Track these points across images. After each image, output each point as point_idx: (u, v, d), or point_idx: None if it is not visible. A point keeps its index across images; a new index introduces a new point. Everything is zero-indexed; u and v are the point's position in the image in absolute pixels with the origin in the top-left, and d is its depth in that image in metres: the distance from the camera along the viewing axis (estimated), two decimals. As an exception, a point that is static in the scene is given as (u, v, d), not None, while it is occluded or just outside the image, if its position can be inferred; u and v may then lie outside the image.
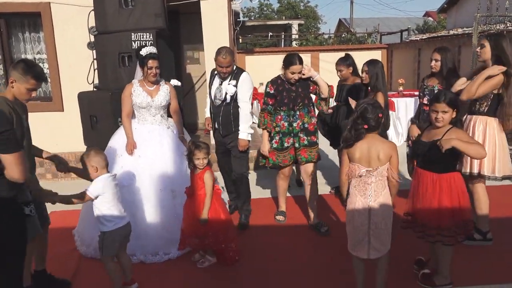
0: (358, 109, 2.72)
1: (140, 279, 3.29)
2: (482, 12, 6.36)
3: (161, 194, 3.66)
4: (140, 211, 3.61)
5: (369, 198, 2.70)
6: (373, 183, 2.70)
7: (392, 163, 2.71)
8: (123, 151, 3.76)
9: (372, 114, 2.66)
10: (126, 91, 3.82)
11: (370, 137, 2.70)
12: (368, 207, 2.70)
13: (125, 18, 4.74)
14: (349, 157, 2.76)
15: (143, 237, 3.55)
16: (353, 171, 2.73)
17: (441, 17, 22.38)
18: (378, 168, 2.68)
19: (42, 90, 6.55)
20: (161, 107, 3.84)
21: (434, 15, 25.35)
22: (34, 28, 6.36)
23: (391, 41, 14.65)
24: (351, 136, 2.71)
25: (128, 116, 3.82)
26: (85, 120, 4.96)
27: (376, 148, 2.69)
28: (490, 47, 3.48)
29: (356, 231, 2.75)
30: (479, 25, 6.30)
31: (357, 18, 31.11)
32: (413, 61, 11.11)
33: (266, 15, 32.16)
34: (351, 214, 2.78)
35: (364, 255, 2.76)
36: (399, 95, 8.13)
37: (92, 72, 5.29)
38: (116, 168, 3.64)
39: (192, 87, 8.26)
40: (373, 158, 2.68)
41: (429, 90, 3.98)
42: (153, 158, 3.72)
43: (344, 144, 2.76)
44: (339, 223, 4.14)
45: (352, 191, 2.79)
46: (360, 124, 2.67)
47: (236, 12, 10.19)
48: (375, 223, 2.70)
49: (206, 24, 5.93)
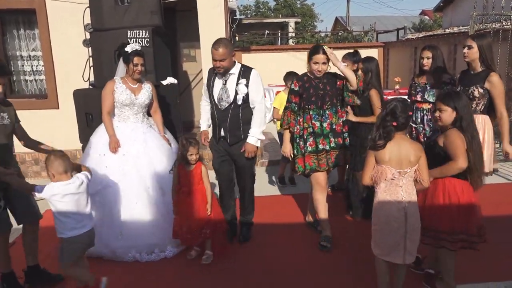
0: (387, 107, 2.61)
1: (135, 278, 3.29)
2: (478, 10, 6.37)
3: (150, 192, 3.64)
4: (130, 210, 3.57)
5: (403, 200, 2.60)
6: (404, 185, 2.61)
7: (421, 164, 2.62)
8: (106, 150, 3.67)
9: (402, 111, 2.55)
10: (107, 88, 3.73)
11: (398, 137, 2.60)
12: (404, 210, 2.60)
13: (121, 15, 4.71)
14: (376, 159, 2.63)
15: (135, 237, 3.52)
16: (383, 174, 2.61)
17: (437, 16, 22.43)
18: (409, 170, 2.59)
19: (38, 88, 6.51)
20: (143, 105, 3.81)
21: (430, 14, 25.41)
22: (29, 25, 6.32)
23: (388, 40, 14.67)
24: (380, 136, 2.58)
25: (109, 114, 3.73)
26: (81, 118, 4.92)
27: (407, 149, 2.59)
28: (477, 47, 3.54)
29: (392, 236, 2.63)
30: (475, 23, 6.32)
31: (354, 16, 31.14)
32: (409, 59, 11.13)
33: (263, 13, 32.12)
34: (385, 220, 2.64)
35: (400, 260, 2.65)
36: (396, 93, 8.16)
37: (87, 69, 5.26)
38: (100, 168, 3.59)
39: (189, 85, 8.23)
40: (404, 159, 2.58)
41: (421, 87, 4.00)
42: (138, 156, 3.66)
43: (372, 144, 2.63)
44: (338, 222, 4.13)
45: (382, 196, 2.65)
46: (389, 121, 2.56)
47: (232, 10, 10.18)
48: (412, 224, 2.62)
49: (203, 22, 5.92)
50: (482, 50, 3.54)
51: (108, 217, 3.55)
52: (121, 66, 3.84)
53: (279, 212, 4.58)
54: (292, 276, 3.28)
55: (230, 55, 3.47)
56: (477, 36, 3.66)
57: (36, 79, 6.51)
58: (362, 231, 3.63)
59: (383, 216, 2.64)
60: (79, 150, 5.65)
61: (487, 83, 3.53)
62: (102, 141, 3.73)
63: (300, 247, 3.76)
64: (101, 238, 3.38)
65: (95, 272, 2.95)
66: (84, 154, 3.90)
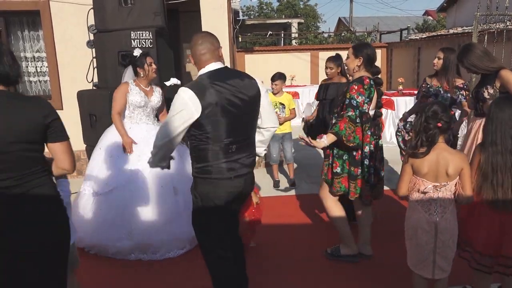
0: (426, 110, 2.37)
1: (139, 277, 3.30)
2: (482, 11, 6.36)
3: (163, 191, 3.66)
4: (143, 209, 3.59)
5: (435, 214, 2.40)
6: (439, 199, 2.39)
7: (464, 177, 2.37)
8: (120, 152, 3.71)
9: (443, 111, 2.34)
10: (121, 89, 3.81)
11: (438, 147, 2.38)
12: (434, 224, 2.41)
13: (124, 17, 4.72)
14: (414, 169, 2.43)
15: (148, 236, 3.54)
16: (416, 186, 2.43)
17: (441, 16, 22.36)
18: (447, 184, 2.36)
19: (42, 89, 6.54)
20: (155, 108, 3.91)
21: (434, 14, 25.34)
22: (33, 26, 6.34)
23: (391, 40, 14.65)
24: (423, 142, 2.35)
25: (119, 114, 3.78)
26: (84, 119, 4.94)
27: (445, 160, 2.35)
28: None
29: (419, 249, 2.47)
30: (479, 24, 6.30)
31: (357, 17, 31.11)
32: (412, 60, 11.11)
33: (266, 14, 32.12)
34: (413, 230, 2.49)
35: (428, 274, 2.48)
36: (399, 94, 8.13)
37: (91, 70, 5.28)
38: (113, 169, 3.64)
39: (192, 86, 8.24)
40: (441, 172, 2.36)
41: (434, 90, 3.97)
42: None
43: (413, 153, 2.40)
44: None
45: (413, 205, 2.49)
46: (432, 123, 2.32)
47: (235, 11, 10.19)
48: (443, 241, 2.41)
49: (206, 23, 5.92)
50: (468, 65, 3.49)
51: (119, 217, 3.57)
52: (128, 73, 3.94)
53: (280, 212, 4.59)
54: (293, 276, 3.28)
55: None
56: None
57: (40, 80, 6.53)
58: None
59: (412, 227, 2.50)
60: (82, 151, 5.67)
61: (497, 81, 3.38)
62: (114, 143, 3.77)
63: (301, 246, 3.77)
64: (111, 238, 3.44)
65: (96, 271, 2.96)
66: (93, 156, 3.90)
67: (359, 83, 3.07)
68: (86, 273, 3.38)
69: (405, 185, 2.48)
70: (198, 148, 2.35)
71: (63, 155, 1.97)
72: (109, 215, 3.57)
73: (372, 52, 3.20)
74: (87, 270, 3.43)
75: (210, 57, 2.37)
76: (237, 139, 2.35)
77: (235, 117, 2.30)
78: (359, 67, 3.17)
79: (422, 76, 10.62)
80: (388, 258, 3.47)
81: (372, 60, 3.22)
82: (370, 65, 3.22)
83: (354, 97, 3.04)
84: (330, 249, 3.53)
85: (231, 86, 2.30)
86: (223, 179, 2.34)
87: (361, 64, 3.16)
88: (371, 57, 3.18)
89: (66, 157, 1.98)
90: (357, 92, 3.04)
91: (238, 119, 2.33)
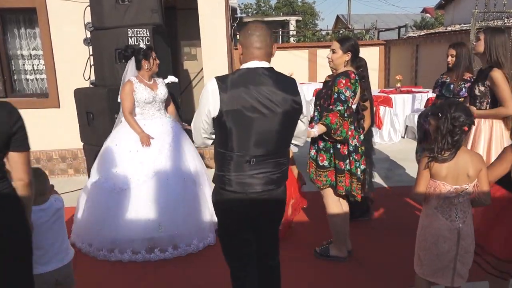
0: (450, 111, 2.19)
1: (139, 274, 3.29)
2: (480, 8, 6.35)
3: (186, 184, 3.70)
4: (170, 203, 3.59)
5: (456, 220, 2.28)
6: (460, 203, 2.28)
7: (481, 179, 2.25)
8: (139, 147, 3.69)
9: (468, 115, 2.20)
10: (126, 89, 3.76)
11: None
12: (457, 230, 2.27)
13: (121, 14, 4.70)
14: (432, 173, 2.28)
15: (176, 226, 3.57)
16: (436, 191, 2.28)
17: (439, 14, 22.38)
18: (467, 187, 2.25)
19: (39, 87, 6.51)
20: (163, 100, 3.91)
21: (432, 12, 25.36)
22: (30, 24, 6.31)
23: (389, 38, 14.65)
24: (447, 145, 2.20)
25: (131, 114, 3.80)
26: (82, 117, 4.93)
27: (465, 162, 2.23)
28: (484, 40, 3.33)
29: (440, 258, 2.32)
30: (477, 21, 6.29)
31: (355, 14, 31.12)
32: (410, 57, 11.11)
33: (264, 11, 32.06)
34: (432, 240, 2.33)
35: (447, 282, 2.35)
36: (397, 91, 8.13)
37: (88, 68, 5.26)
38: (133, 164, 3.64)
39: (189, 84, 8.23)
40: (461, 174, 2.23)
41: (441, 82, 4.00)
42: (171, 150, 3.76)
43: (436, 156, 2.24)
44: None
45: (432, 212, 2.33)
46: (459, 127, 2.17)
47: (233, 8, 10.16)
48: (465, 247, 2.30)
49: (203, 20, 5.90)
50: (491, 44, 3.30)
51: (146, 211, 3.56)
52: (130, 68, 3.90)
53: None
54: (293, 276, 3.28)
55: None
56: (488, 29, 3.47)
57: (37, 78, 6.50)
58: (359, 231, 3.63)
59: (432, 236, 2.33)
60: (80, 149, 5.65)
61: (488, 80, 3.32)
62: (131, 138, 3.74)
63: (302, 246, 3.76)
64: (141, 231, 3.49)
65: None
66: (106, 154, 3.82)
67: (346, 77, 3.04)
68: (83, 274, 3.38)
69: (423, 189, 2.32)
70: (216, 151, 2.14)
71: (23, 165, 1.86)
72: (136, 208, 3.56)
73: (357, 46, 3.20)
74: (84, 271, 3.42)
75: (259, 54, 2.10)
76: (257, 152, 2.06)
77: (258, 127, 2.03)
78: (347, 62, 3.15)
79: (420, 74, 10.63)
80: (385, 257, 3.47)
81: (358, 54, 3.21)
82: (355, 59, 3.22)
83: (342, 91, 2.99)
84: (319, 248, 3.50)
85: (260, 93, 2.01)
86: (236, 192, 2.10)
87: (349, 59, 3.14)
88: (357, 51, 3.18)
89: (26, 168, 1.87)
90: (345, 86, 3.01)
91: (262, 130, 2.04)
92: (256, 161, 2.06)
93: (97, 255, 3.55)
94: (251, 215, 2.19)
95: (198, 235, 3.66)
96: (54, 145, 6.08)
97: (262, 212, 2.21)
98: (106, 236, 3.54)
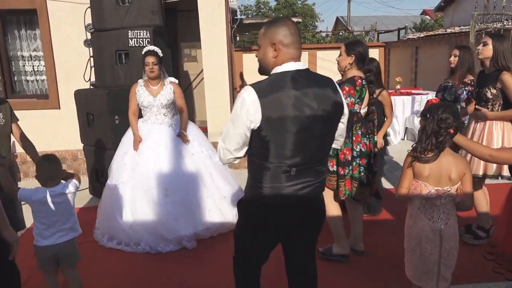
0: (437, 112, 2.21)
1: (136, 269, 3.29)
2: (480, 10, 6.37)
3: (153, 193, 3.76)
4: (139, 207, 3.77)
5: (439, 221, 2.28)
6: (442, 205, 2.29)
7: (465, 183, 2.26)
8: (130, 149, 3.94)
9: (456, 117, 2.20)
10: (131, 90, 3.99)
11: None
12: (439, 232, 2.28)
13: (121, 16, 4.71)
14: (414, 172, 2.30)
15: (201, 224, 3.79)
16: (418, 191, 2.30)
17: (438, 16, 22.43)
18: (449, 190, 2.26)
19: (39, 88, 6.52)
20: (162, 106, 3.92)
21: (431, 14, 25.41)
22: (30, 25, 6.32)
23: (389, 40, 14.66)
24: (431, 146, 2.21)
25: (134, 114, 3.99)
26: (82, 118, 4.93)
27: (449, 164, 2.24)
28: (492, 46, 3.42)
29: (424, 260, 2.33)
30: (476, 23, 6.31)
31: (355, 16, 31.17)
32: (410, 59, 11.11)
33: (264, 13, 32.12)
34: (416, 241, 2.34)
35: (432, 287, 2.36)
36: (397, 93, 8.14)
37: (88, 69, 5.26)
38: (121, 165, 3.90)
39: (190, 85, 8.23)
40: (443, 176, 2.25)
41: (444, 86, 3.99)
42: (148, 156, 3.85)
43: (418, 156, 2.25)
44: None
45: (415, 213, 2.35)
46: (444, 129, 2.18)
47: (233, 10, 10.16)
48: (447, 249, 2.30)
49: (204, 22, 5.91)
50: (498, 50, 3.40)
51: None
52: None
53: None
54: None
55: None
56: (495, 35, 3.54)
57: (37, 79, 6.51)
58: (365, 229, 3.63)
59: (415, 237, 2.35)
60: (80, 150, 5.65)
61: (498, 82, 3.39)
62: (130, 140, 4.00)
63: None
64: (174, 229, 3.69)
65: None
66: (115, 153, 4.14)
67: (351, 84, 3.04)
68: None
69: (405, 187, 2.35)
70: (250, 161, 1.99)
71: None
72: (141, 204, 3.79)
73: (364, 50, 3.17)
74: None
75: (298, 54, 1.95)
76: (298, 161, 1.89)
77: (300, 134, 1.86)
78: (351, 65, 3.15)
79: (419, 76, 10.63)
80: (384, 256, 3.47)
81: (364, 58, 3.20)
82: (362, 63, 3.20)
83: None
84: (322, 249, 3.48)
85: (301, 97, 1.85)
86: (272, 205, 1.95)
87: (353, 62, 3.14)
88: (363, 55, 3.16)
89: None
90: (347, 93, 3.02)
91: (304, 136, 1.88)
92: (296, 171, 1.90)
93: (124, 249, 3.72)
94: (287, 228, 2.06)
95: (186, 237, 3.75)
96: (54, 146, 6.09)
97: (299, 224, 2.07)
98: (125, 230, 3.73)
